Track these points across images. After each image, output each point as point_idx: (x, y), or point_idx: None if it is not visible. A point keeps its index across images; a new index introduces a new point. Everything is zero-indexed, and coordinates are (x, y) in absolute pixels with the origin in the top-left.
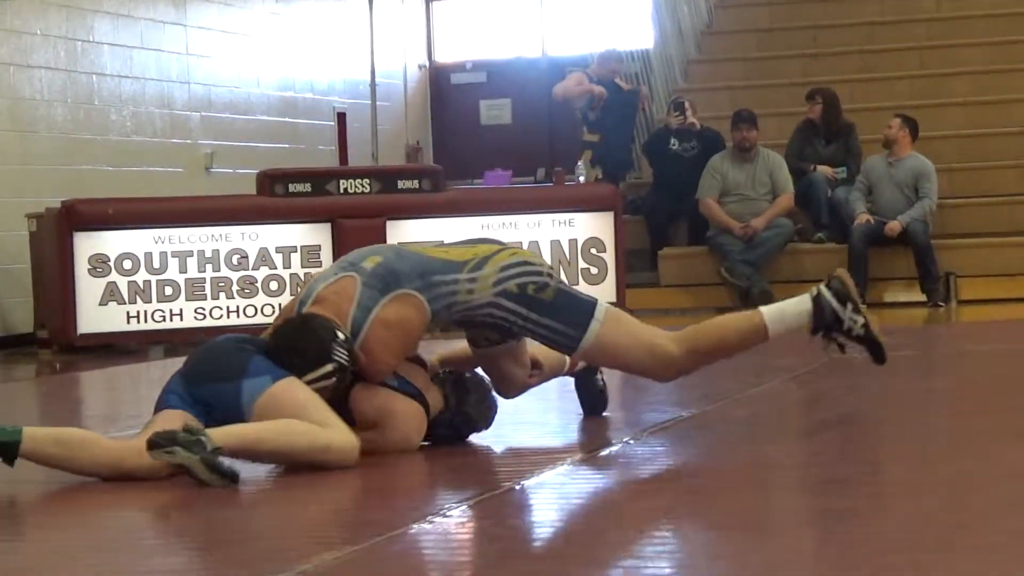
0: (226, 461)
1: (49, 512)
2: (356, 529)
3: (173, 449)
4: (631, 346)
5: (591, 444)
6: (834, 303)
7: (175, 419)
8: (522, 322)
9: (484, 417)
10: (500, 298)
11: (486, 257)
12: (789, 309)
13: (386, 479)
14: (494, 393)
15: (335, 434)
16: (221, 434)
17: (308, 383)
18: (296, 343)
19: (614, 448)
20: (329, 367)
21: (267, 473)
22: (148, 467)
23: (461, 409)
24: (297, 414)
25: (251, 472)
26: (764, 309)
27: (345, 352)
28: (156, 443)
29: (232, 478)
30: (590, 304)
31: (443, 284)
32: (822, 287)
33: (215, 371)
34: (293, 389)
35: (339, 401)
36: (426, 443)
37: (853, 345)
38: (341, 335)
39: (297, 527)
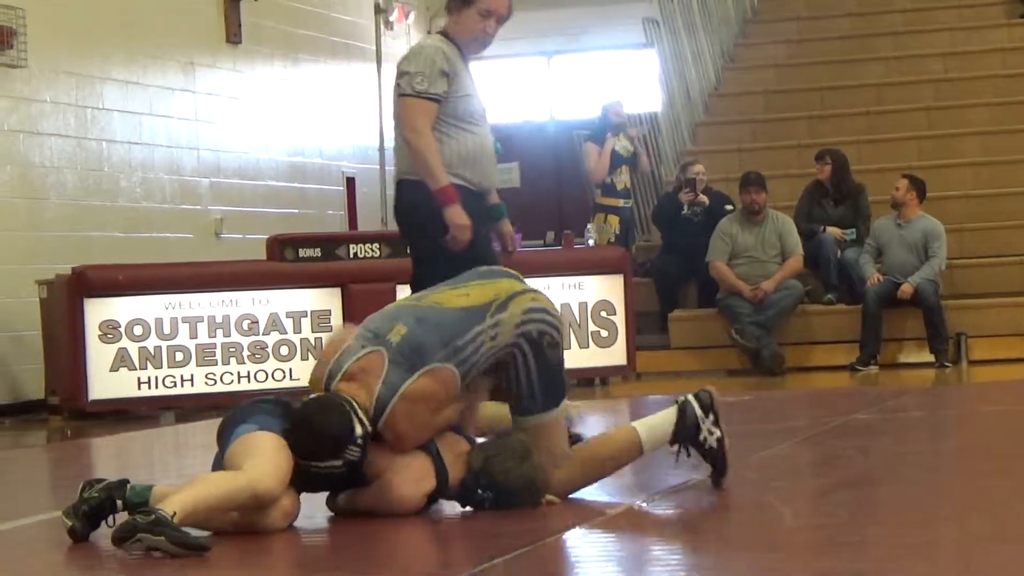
0: (193, 531)
1: None
2: None
3: (140, 536)
4: (554, 446)
5: (603, 506)
6: (698, 411)
7: None
8: (520, 364)
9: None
10: (520, 339)
11: (509, 297)
12: (658, 422)
13: (385, 542)
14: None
15: (245, 476)
16: (168, 503)
17: (314, 469)
18: (313, 431)
19: (622, 513)
20: (337, 463)
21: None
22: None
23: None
24: (242, 459)
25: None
26: (639, 425)
27: (359, 450)
28: (120, 538)
29: (201, 548)
30: (565, 387)
31: (468, 345)
32: (690, 396)
33: (229, 421)
34: (261, 439)
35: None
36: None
37: (697, 457)
38: (359, 430)
39: None
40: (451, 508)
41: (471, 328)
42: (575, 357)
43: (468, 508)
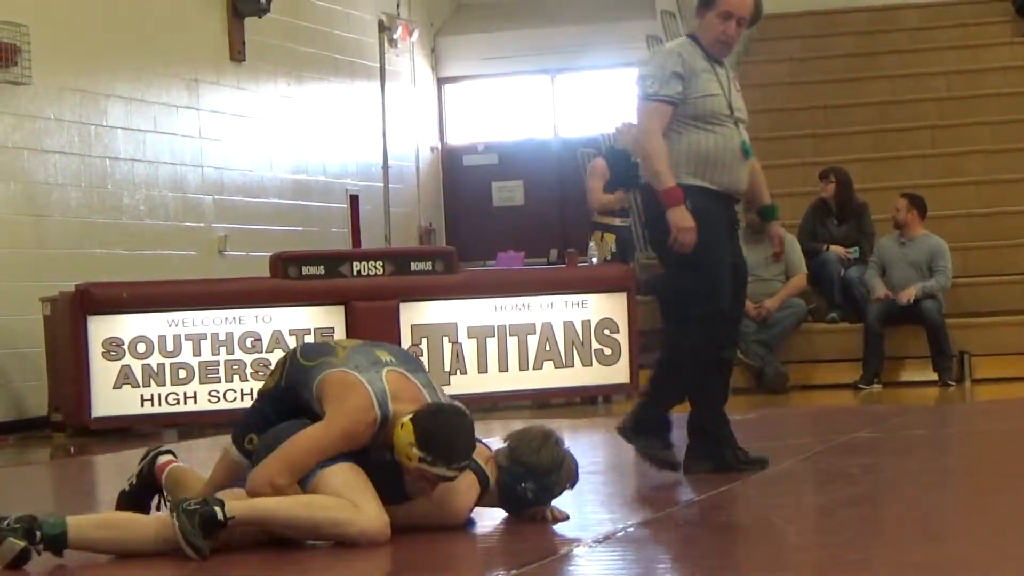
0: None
1: None
2: None
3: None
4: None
5: (606, 526)
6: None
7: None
8: None
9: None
10: None
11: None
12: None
13: (391, 561)
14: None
15: (360, 514)
16: (237, 505)
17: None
18: (460, 432)
19: (629, 530)
20: (450, 473)
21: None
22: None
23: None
24: (336, 488)
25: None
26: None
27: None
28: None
29: (199, 553)
30: None
31: None
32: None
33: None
34: (343, 470)
35: (393, 475)
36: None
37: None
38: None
39: None
40: (458, 527)
41: None
42: (578, 375)
43: (508, 513)
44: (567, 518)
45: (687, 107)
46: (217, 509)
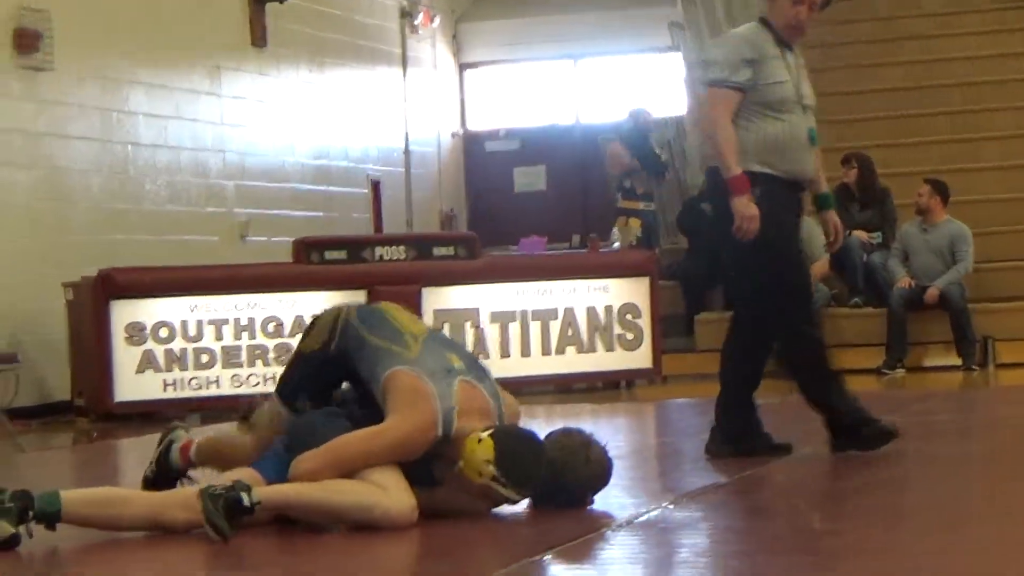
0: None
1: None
2: None
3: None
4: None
5: (630, 510)
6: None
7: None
8: None
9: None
10: None
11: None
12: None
13: (414, 544)
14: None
15: (385, 497)
16: (264, 491)
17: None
18: (537, 459)
19: (654, 514)
20: (517, 497)
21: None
22: (186, 521)
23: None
24: (363, 468)
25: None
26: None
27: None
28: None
29: (222, 536)
30: None
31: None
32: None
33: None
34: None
35: (426, 461)
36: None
37: None
38: None
39: None
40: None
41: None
42: (600, 360)
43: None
44: (593, 502)
45: (755, 93)
46: (244, 495)
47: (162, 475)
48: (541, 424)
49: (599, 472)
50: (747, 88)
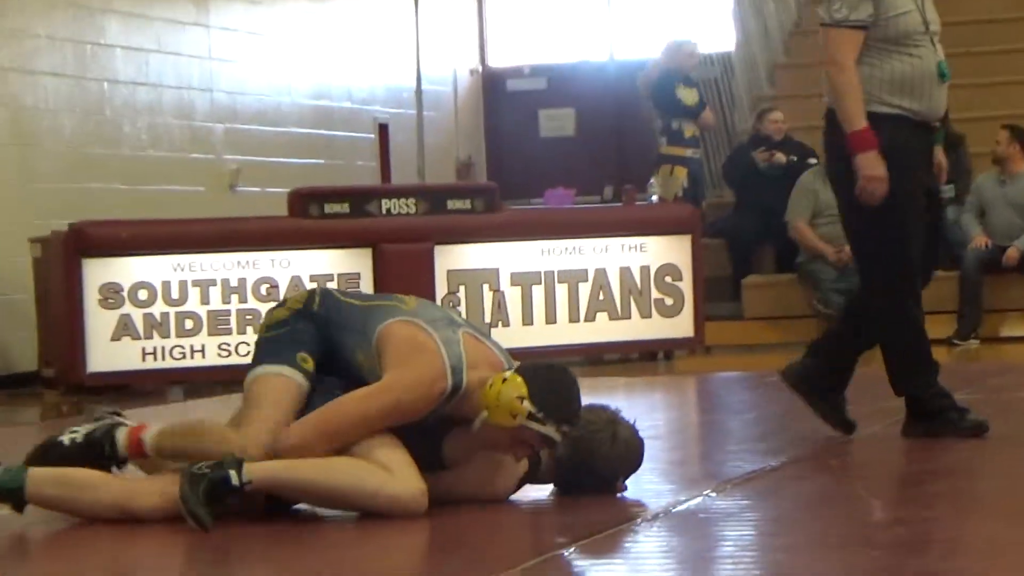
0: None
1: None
2: None
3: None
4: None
5: (666, 498)
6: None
7: None
8: None
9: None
10: None
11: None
12: None
13: (443, 532)
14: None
15: (390, 480)
16: (256, 468)
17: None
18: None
19: (693, 502)
20: (556, 435)
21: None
22: (151, 507)
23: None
24: (364, 448)
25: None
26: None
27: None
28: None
29: (201, 526)
30: None
31: None
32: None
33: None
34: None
35: (430, 438)
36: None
37: None
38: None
39: None
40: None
41: None
42: (635, 328)
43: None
44: (625, 489)
45: (878, 29)
46: (232, 472)
47: (88, 452)
48: None
49: (627, 454)
50: (869, 24)
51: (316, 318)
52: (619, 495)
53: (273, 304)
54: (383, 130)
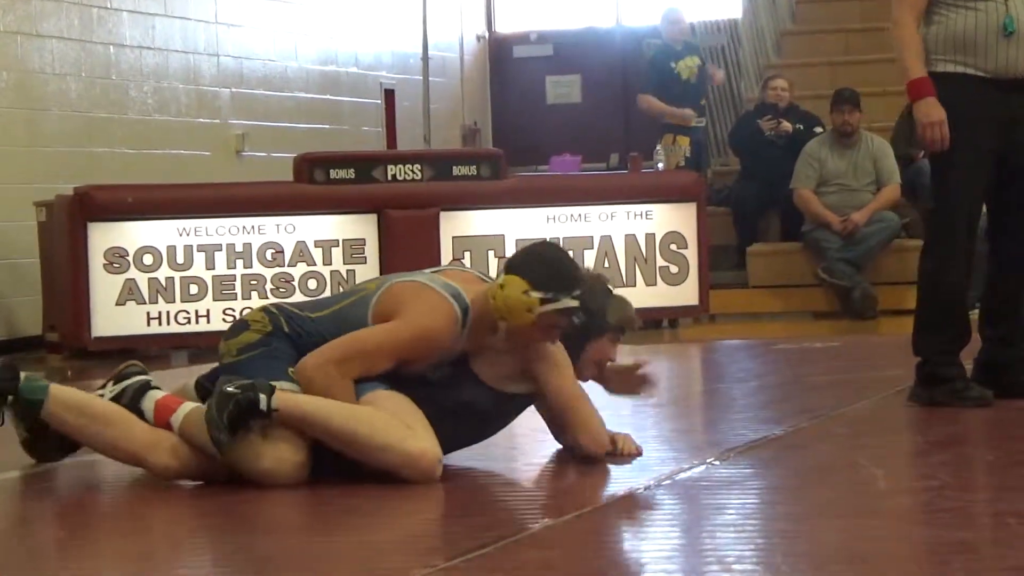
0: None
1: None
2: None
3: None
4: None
5: (669, 466)
6: None
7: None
8: None
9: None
10: None
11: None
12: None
13: (450, 495)
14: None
15: (412, 438)
16: (286, 397)
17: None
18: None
19: (696, 471)
20: (573, 302)
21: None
22: (164, 466)
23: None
24: (390, 408)
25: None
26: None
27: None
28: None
29: (219, 447)
30: None
31: None
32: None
33: None
34: (398, 396)
35: (474, 387)
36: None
37: None
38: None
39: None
40: (509, 466)
41: None
42: (640, 295)
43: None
44: (640, 453)
45: None
46: (263, 396)
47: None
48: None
49: (624, 303)
50: None
51: (289, 337)
52: (620, 464)
53: (231, 321)
54: (389, 96)
